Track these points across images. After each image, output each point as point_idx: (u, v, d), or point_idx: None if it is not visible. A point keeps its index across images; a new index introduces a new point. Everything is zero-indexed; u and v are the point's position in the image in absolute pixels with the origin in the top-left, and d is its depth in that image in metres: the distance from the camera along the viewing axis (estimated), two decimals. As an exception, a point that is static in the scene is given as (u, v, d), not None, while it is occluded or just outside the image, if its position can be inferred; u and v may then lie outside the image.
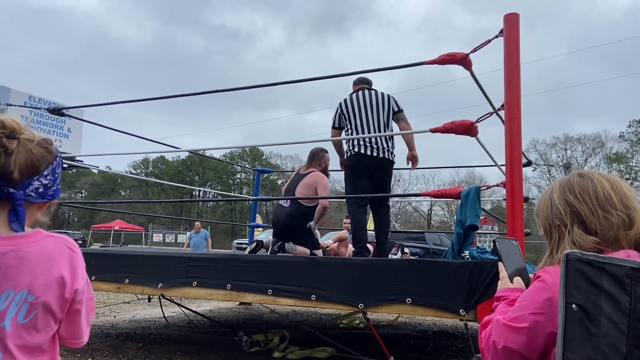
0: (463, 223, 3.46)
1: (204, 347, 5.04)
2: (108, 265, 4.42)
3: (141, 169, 66.78)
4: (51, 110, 5.33)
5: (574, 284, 0.96)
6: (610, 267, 0.95)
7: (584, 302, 0.94)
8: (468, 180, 44.79)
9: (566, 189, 1.20)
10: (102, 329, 6.05)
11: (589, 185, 1.17)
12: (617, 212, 1.12)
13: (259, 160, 59.16)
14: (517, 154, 3.08)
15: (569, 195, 1.18)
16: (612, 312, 0.93)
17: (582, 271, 0.96)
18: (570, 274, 0.96)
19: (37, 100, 17.39)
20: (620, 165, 45.37)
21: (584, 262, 0.96)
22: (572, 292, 0.96)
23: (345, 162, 4.71)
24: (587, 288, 0.95)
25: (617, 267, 0.95)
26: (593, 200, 1.15)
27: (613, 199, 1.14)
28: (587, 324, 0.94)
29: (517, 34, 3.16)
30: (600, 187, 1.15)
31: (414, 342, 5.78)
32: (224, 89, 4.67)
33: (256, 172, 8.87)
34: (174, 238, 40.83)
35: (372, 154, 4.48)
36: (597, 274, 0.95)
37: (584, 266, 0.96)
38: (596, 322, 0.93)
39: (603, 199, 1.14)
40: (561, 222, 1.18)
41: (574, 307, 0.95)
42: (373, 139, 4.47)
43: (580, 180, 1.19)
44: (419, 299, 3.27)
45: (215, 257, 4.23)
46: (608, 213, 1.12)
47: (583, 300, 0.94)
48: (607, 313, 0.93)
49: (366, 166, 4.52)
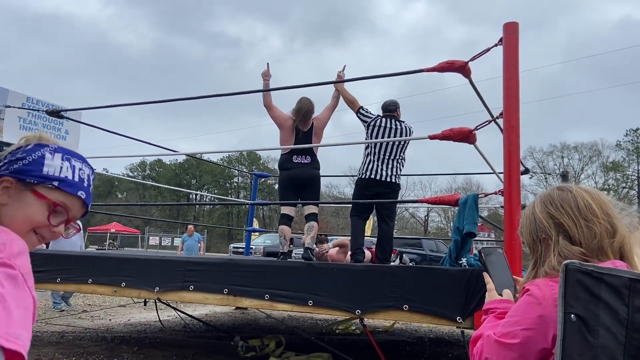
0: (461, 230, 3.47)
1: (199, 352, 5.02)
2: (104, 269, 4.41)
3: (138, 171, 66.63)
4: (49, 112, 5.33)
5: (573, 294, 0.96)
6: (608, 277, 0.96)
7: (583, 313, 0.95)
8: (465, 187, 44.80)
9: (547, 202, 1.22)
10: (98, 332, 6.02)
11: (569, 196, 1.19)
12: (599, 221, 1.14)
13: (257, 164, 59.12)
14: (515, 162, 3.09)
15: (551, 208, 1.20)
16: (610, 323, 0.93)
17: (581, 281, 0.96)
18: (570, 284, 0.97)
19: (35, 102, 17.33)
20: (617, 174, 45.56)
21: (583, 273, 0.96)
22: (571, 302, 0.96)
23: (357, 183, 5.00)
24: (585, 298, 0.95)
25: (615, 277, 0.96)
26: (574, 211, 1.17)
27: (593, 208, 1.16)
28: (586, 334, 0.94)
29: (516, 43, 3.18)
30: (580, 198, 1.18)
31: (410, 349, 5.77)
32: (221, 94, 4.69)
33: (254, 177, 8.87)
34: (170, 241, 40.66)
35: (382, 179, 4.78)
36: (595, 285, 0.96)
37: (583, 277, 0.96)
38: (594, 333, 0.94)
39: (584, 208, 1.16)
40: (546, 234, 1.19)
41: (573, 317, 0.95)
42: (387, 170, 4.80)
43: (560, 193, 1.22)
44: (416, 306, 3.27)
45: (213, 262, 4.23)
46: (590, 222, 1.14)
47: (582, 310, 0.95)
48: (606, 323, 0.94)
49: (375, 190, 4.81)
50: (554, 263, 1.13)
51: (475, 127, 3.35)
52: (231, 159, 60.54)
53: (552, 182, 43.07)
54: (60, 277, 4.50)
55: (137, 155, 19.00)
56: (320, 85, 4.38)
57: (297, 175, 4.75)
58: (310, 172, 4.79)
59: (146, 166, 67.24)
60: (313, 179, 4.81)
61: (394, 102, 5.10)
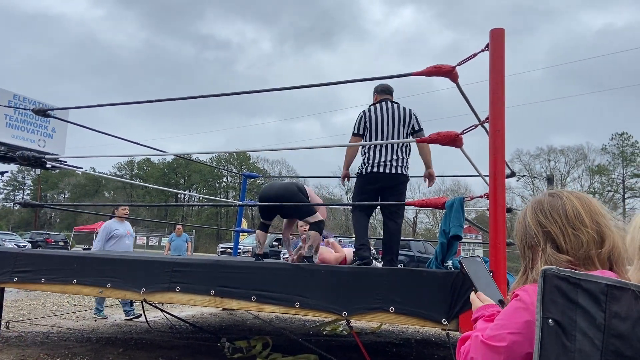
0: (447, 233, 3.50)
1: (186, 353, 5.00)
2: (90, 269, 4.37)
3: (126, 170, 66.09)
4: (36, 111, 5.27)
5: (551, 299, 0.98)
6: (586, 283, 0.98)
7: (560, 318, 0.97)
8: (453, 189, 45.12)
9: (537, 209, 1.23)
10: (83, 333, 5.97)
11: (558, 203, 1.20)
12: (587, 230, 1.15)
13: (246, 165, 58.94)
14: (500, 167, 3.12)
15: (540, 216, 1.21)
16: (587, 328, 0.95)
17: (559, 287, 0.98)
18: (548, 290, 0.99)
19: (22, 100, 17.14)
20: (602, 177, 46.11)
21: (560, 279, 0.98)
22: (549, 307, 0.98)
23: (358, 177, 4.64)
24: (563, 304, 0.97)
25: (592, 283, 0.98)
26: (562, 219, 1.17)
27: (582, 216, 1.16)
28: (563, 339, 0.96)
29: (503, 49, 3.21)
30: (570, 205, 1.18)
31: (396, 350, 5.80)
32: (209, 95, 4.66)
33: (243, 177, 8.85)
34: (157, 241, 40.39)
35: (385, 171, 4.42)
36: (573, 290, 0.97)
37: (560, 282, 0.98)
38: (572, 337, 0.95)
39: (572, 216, 1.17)
40: (535, 242, 1.21)
41: (551, 322, 0.97)
42: (388, 156, 4.42)
43: (550, 200, 1.22)
44: (402, 308, 3.29)
45: (200, 263, 4.21)
46: (578, 230, 1.15)
47: (559, 315, 0.97)
48: (583, 328, 0.95)
49: (378, 186, 4.49)
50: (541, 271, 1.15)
51: (462, 131, 3.38)
52: (220, 158, 60.29)
53: (538, 185, 43.51)
54: (44, 278, 4.46)
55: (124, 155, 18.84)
56: (311, 88, 4.38)
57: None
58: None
59: (134, 165, 66.74)
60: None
61: (389, 86, 4.75)
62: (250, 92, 4.65)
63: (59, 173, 59.46)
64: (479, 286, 1.35)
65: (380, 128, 4.48)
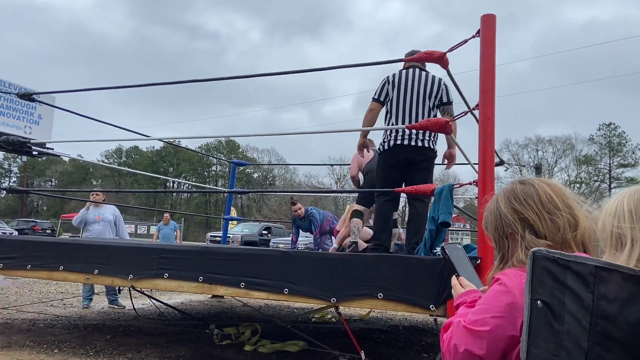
0: (436, 220, 3.50)
1: (174, 340, 4.99)
2: (77, 256, 4.33)
3: (114, 158, 65.49)
4: (21, 95, 5.18)
5: (540, 280, 0.98)
6: (575, 265, 0.97)
7: (549, 299, 0.96)
8: (442, 177, 45.25)
9: (511, 197, 1.24)
10: (70, 320, 5.94)
11: (532, 190, 1.22)
12: (562, 213, 1.17)
13: (235, 153, 58.65)
14: (490, 154, 3.13)
15: (515, 203, 1.23)
16: (575, 309, 0.95)
17: (548, 268, 0.98)
18: (537, 271, 0.98)
19: (7, 85, 16.86)
20: (589, 167, 46.62)
21: (549, 260, 0.98)
22: (538, 288, 0.98)
23: (380, 155, 4.32)
24: (552, 285, 0.97)
25: (581, 265, 0.97)
26: (538, 205, 1.20)
27: (555, 201, 1.19)
28: (551, 320, 0.96)
29: (494, 35, 3.20)
30: (542, 191, 1.21)
31: (384, 337, 5.84)
32: (197, 79, 4.61)
33: (232, 165, 8.81)
34: (146, 229, 40.22)
35: (410, 144, 4.06)
36: (562, 272, 0.97)
37: (549, 264, 0.98)
38: (560, 319, 0.95)
39: (547, 201, 1.19)
40: (512, 229, 1.22)
41: (539, 303, 0.97)
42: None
43: (523, 187, 1.24)
44: (390, 294, 3.30)
45: (188, 249, 4.19)
46: (553, 215, 1.17)
47: (548, 297, 0.96)
48: (571, 310, 0.95)
49: (403, 160, 4.14)
50: (522, 257, 1.16)
51: (452, 117, 3.38)
52: (209, 147, 59.99)
53: (526, 174, 43.86)
54: (30, 264, 4.41)
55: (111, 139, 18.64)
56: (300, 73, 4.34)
57: None
58: None
59: (122, 153, 66.15)
60: None
61: (412, 51, 4.21)
62: (238, 77, 4.61)
63: (46, 160, 58.77)
64: (461, 272, 1.36)
65: (403, 97, 4.11)
